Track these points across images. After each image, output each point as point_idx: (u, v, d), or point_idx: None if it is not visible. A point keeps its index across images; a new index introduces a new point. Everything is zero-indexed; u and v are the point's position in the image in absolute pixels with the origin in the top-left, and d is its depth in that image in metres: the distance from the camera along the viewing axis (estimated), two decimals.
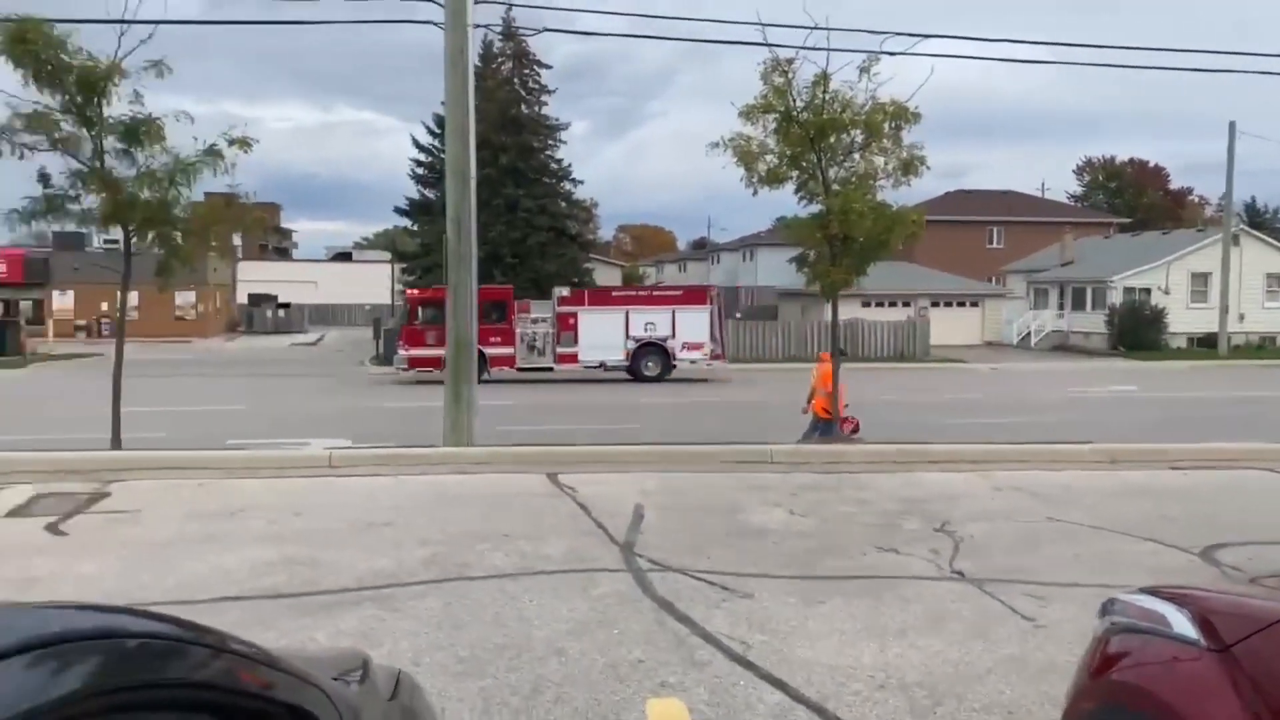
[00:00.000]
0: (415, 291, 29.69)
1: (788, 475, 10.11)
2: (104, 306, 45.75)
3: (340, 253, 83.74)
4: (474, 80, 12.53)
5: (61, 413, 18.00)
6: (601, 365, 27.31)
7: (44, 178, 11.10)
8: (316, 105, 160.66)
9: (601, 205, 71.57)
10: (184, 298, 45.54)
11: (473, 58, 12.72)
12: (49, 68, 10.44)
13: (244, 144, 11.15)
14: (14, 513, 8.08)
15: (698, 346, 27.57)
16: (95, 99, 10.68)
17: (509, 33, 35.12)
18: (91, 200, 11.23)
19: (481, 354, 26.22)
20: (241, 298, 59.57)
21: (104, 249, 42.13)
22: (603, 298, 28.70)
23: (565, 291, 28.84)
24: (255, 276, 61.78)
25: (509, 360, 27.11)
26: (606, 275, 48.71)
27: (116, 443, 11.37)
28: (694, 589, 6.07)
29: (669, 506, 8.54)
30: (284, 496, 8.83)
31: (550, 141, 40.85)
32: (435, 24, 11.96)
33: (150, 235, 11.32)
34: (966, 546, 7.22)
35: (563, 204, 40.67)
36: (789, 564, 6.73)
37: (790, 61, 12.21)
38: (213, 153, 11.04)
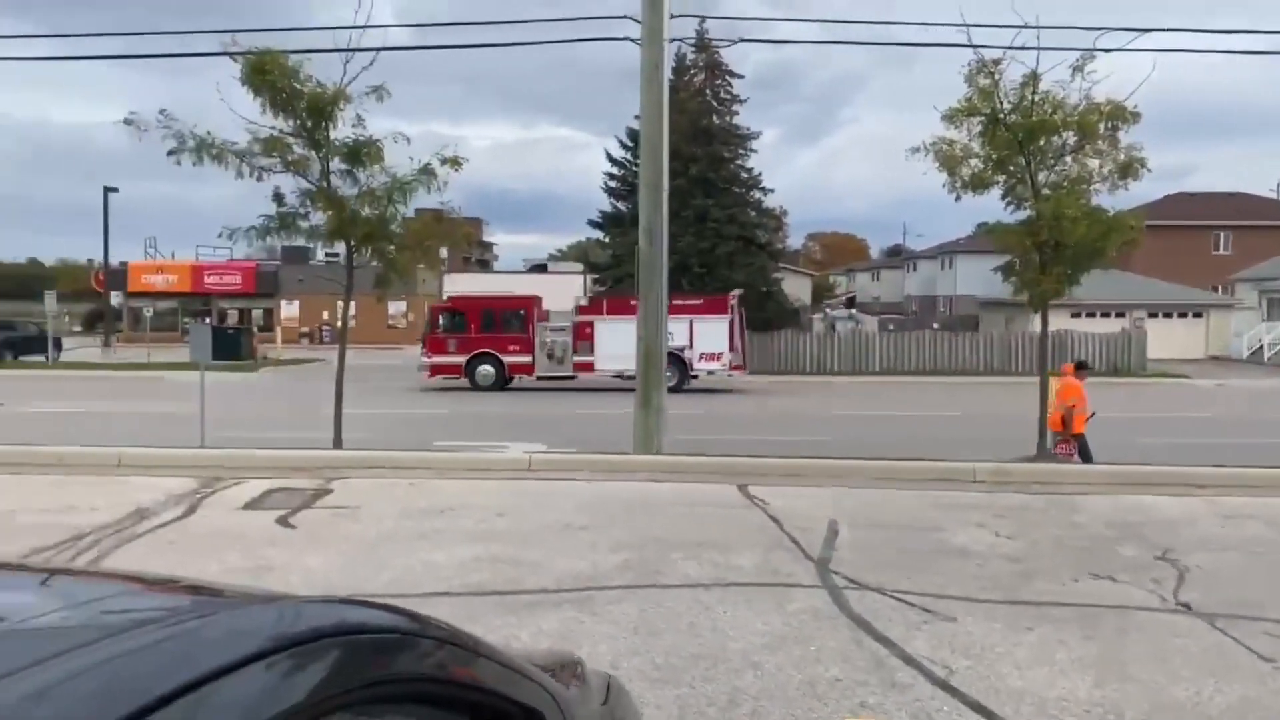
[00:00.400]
0: (437, 304, 30.40)
1: (992, 495, 9.67)
2: (325, 315, 49.40)
3: (536, 264, 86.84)
4: (668, 93, 12.72)
5: (288, 414, 19.53)
6: (619, 375, 26.03)
7: (278, 197, 12.08)
8: (517, 123, 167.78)
9: (791, 213, 70.92)
10: (396, 307, 48.55)
11: (667, 72, 12.91)
12: (284, 95, 11.38)
13: (455, 163, 11.78)
14: (249, 505, 8.82)
15: (716, 357, 26.87)
16: (323, 123, 11.55)
17: (702, 45, 35.42)
18: (318, 217, 12.14)
19: (500, 361, 27.21)
20: None
21: (325, 262, 45.49)
22: (620, 307, 26.76)
23: (584, 300, 28.16)
24: (459, 287, 64.99)
25: (528, 368, 27.11)
26: (796, 284, 48.24)
27: (338, 442, 12.22)
28: (892, 609, 5.90)
29: (864, 523, 8.34)
30: (487, 497, 9.22)
31: (741, 151, 40.88)
32: (632, 40, 12.23)
33: (370, 249, 12.14)
34: (1193, 577, 6.68)
35: (752, 213, 40.57)
36: (994, 587, 6.43)
37: (997, 62, 11.73)
38: (427, 172, 11.73)
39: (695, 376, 27.04)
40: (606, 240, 44.64)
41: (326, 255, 43.75)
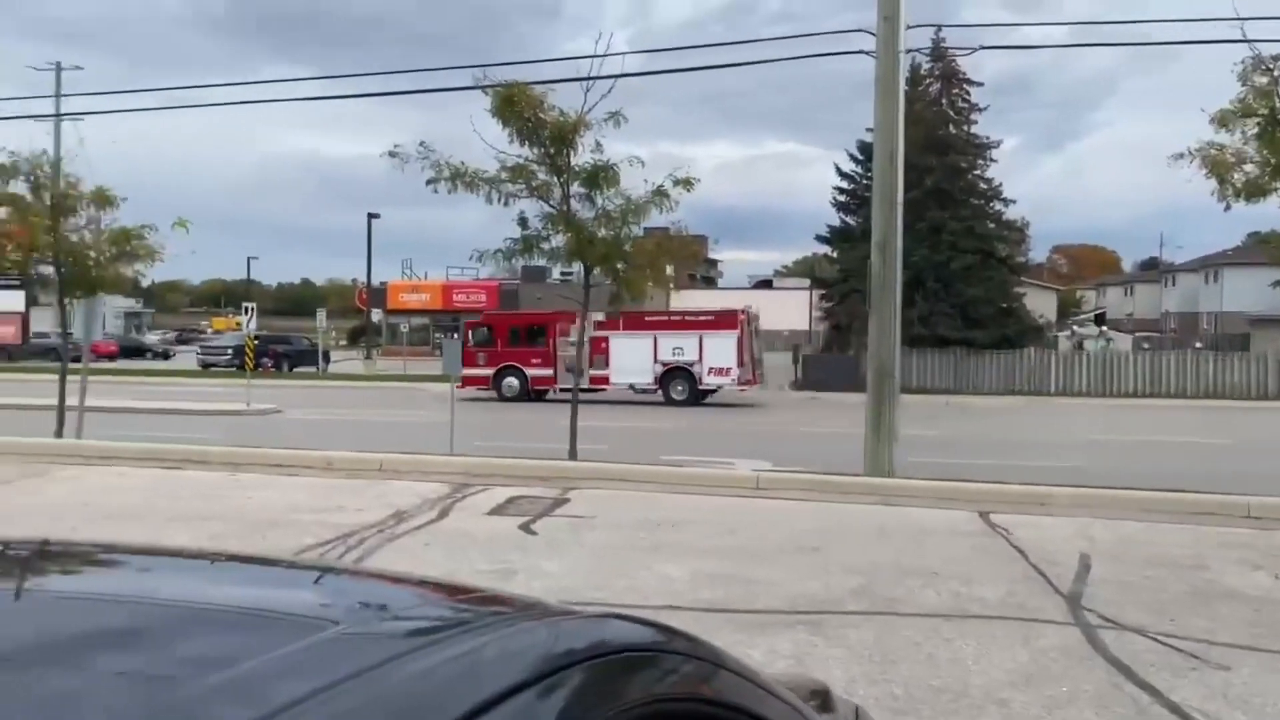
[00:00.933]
0: (470, 320, 31.92)
1: (1269, 533, 8.73)
2: None
3: (761, 280, 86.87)
4: (903, 105, 12.42)
5: (526, 425, 20.51)
6: (631, 387, 27.29)
7: (522, 221, 12.78)
8: (742, 141, 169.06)
9: (1034, 225, 67.18)
10: None
11: (902, 83, 12.61)
12: (530, 125, 12.03)
13: (687, 184, 12.04)
14: (495, 511, 9.34)
15: (725, 371, 26.87)
16: (564, 150, 12.12)
17: (938, 54, 34.26)
18: (559, 239, 12.74)
19: (522, 374, 28.20)
20: None
21: (560, 280, 47.53)
22: (635, 322, 27.41)
23: (601, 316, 27.55)
24: (685, 304, 66.03)
25: (550, 381, 27.42)
26: (1039, 299, 45.55)
27: (573, 454, 12.72)
28: (1155, 652, 5.45)
29: (1119, 557, 7.75)
30: (717, 513, 9.31)
31: (979, 161, 39.18)
32: (866, 53, 12.05)
33: (606, 269, 12.60)
34: None
35: (991, 225, 38.73)
36: (1273, 636, 5.80)
37: (1276, 58, 10.64)
38: (660, 193, 12.06)
39: (707, 390, 27.22)
40: (835, 255, 43.98)
41: (562, 274, 45.74)
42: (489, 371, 28.59)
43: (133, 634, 1.20)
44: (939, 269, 35.03)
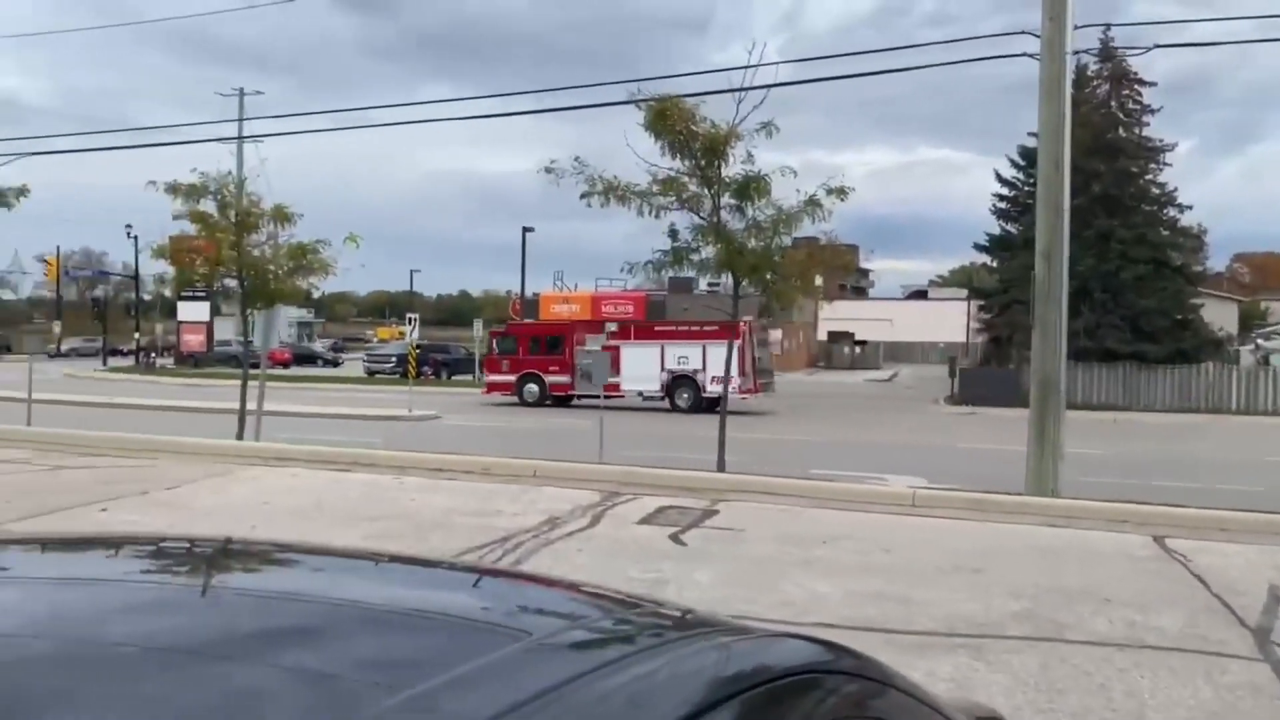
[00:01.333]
0: (495, 330, 34.59)
1: None
2: None
3: (916, 291, 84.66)
4: (1069, 108, 11.88)
5: (672, 434, 20.62)
6: (640, 395, 28.51)
7: (673, 233, 12.90)
8: (896, 147, 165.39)
9: (1212, 232, 62.82)
10: (772, 334, 49.57)
11: (1068, 86, 12.06)
12: (681, 138, 12.13)
13: (841, 193, 11.88)
14: (645, 520, 9.42)
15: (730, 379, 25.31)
16: (716, 161, 12.16)
17: (1106, 53, 32.59)
18: (709, 251, 12.78)
19: (542, 380, 29.54)
20: (821, 335, 63.11)
21: (707, 291, 47.58)
22: (645, 332, 30.09)
23: (614, 327, 29.82)
24: (834, 314, 65.07)
25: (566, 387, 28.02)
26: (1219, 311, 42.55)
27: (721, 465, 12.71)
28: None
29: None
30: (870, 530, 9.11)
31: (1151, 165, 37.02)
32: (1029, 55, 11.60)
33: (756, 280, 12.56)
34: None
35: (1165, 232, 36.50)
36: None
37: None
38: (813, 203, 11.94)
39: (712, 398, 26.85)
40: (994, 265, 42.43)
41: (709, 285, 45.93)
42: (512, 378, 30.42)
43: (318, 633, 1.23)
44: (1107, 279, 33.23)
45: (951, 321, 59.62)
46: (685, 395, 28.75)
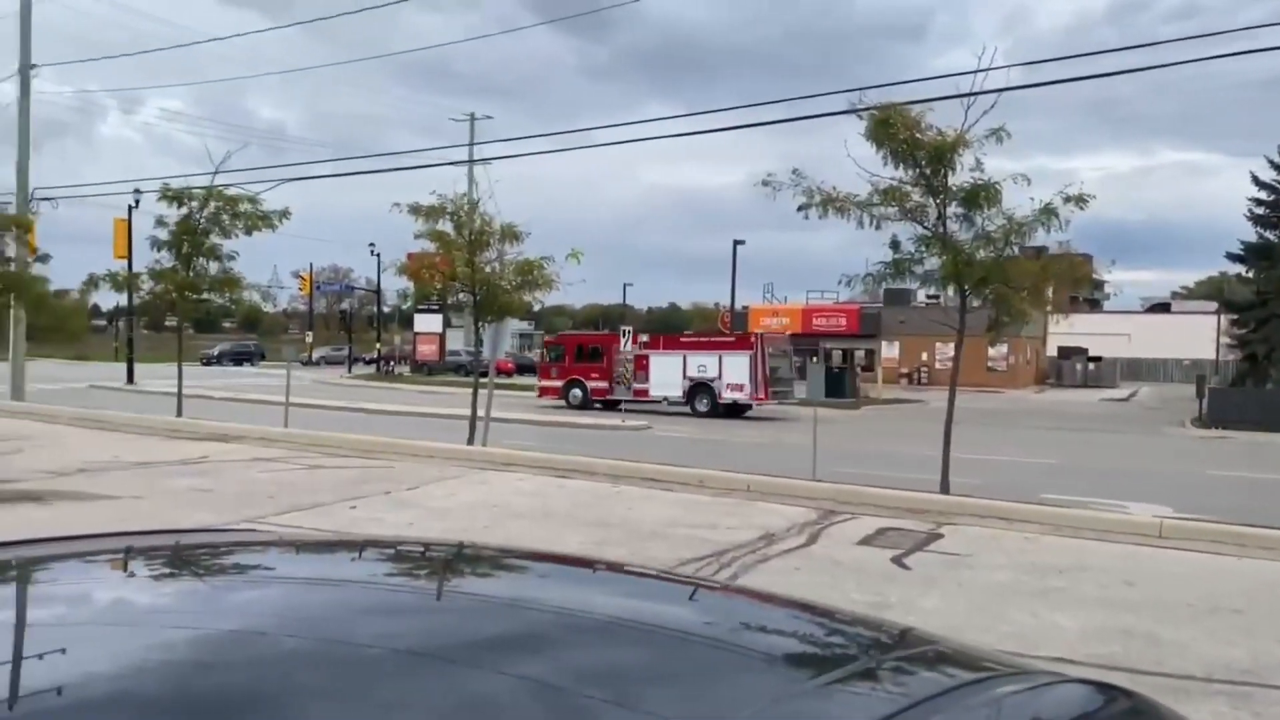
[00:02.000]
0: (548, 338, 38.06)
1: None
2: (924, 356, 49.93)
3: (1157, 304, 78.39)
4: None
5: (889, 453, 20.01)
6: (664, 399, 30.55)
7: (895, 244, 12.52)
8: (1133, 150, 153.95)
9: None
10: (996, 349, 47.28)
11: None
12: (904, 146, 11.78)
13: (1080, 201, 11.17)
14: (864, 541, 9.19)
15: (739, 388, 29.73)
16: (941, 170, 11.72)
17: None
18: (933, 262, 12.32)
19: (584, 386, 31.95)
20: (1051, 350, 59.55)
21: (925, 304, 45.99)
22: (671, 343, 32.26)
23: (645, 337, 32.10)
24: (1065, 329, 61.23)
25: (605, 392, 29.94)
26: None
27: (945, 487, 12.21)
28: None
29: None
30: (1111, 561, 8.48)
31: None
32: None
33: (985, 293, 12.00)
34: None
35: None
36: None
37: None
38: (1048, 211, 11.28)
39: (727, 404, 29.75)
40: (1250, 275, 38.69)
41: (927, 297, 44.29)
42: (559, 384, 32.92)
43: (547, 642, 1.24)
44: None
45: (1198, 336, 54.77)
46: (704, 401, 30.49)
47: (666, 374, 31.05)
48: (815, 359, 31.84)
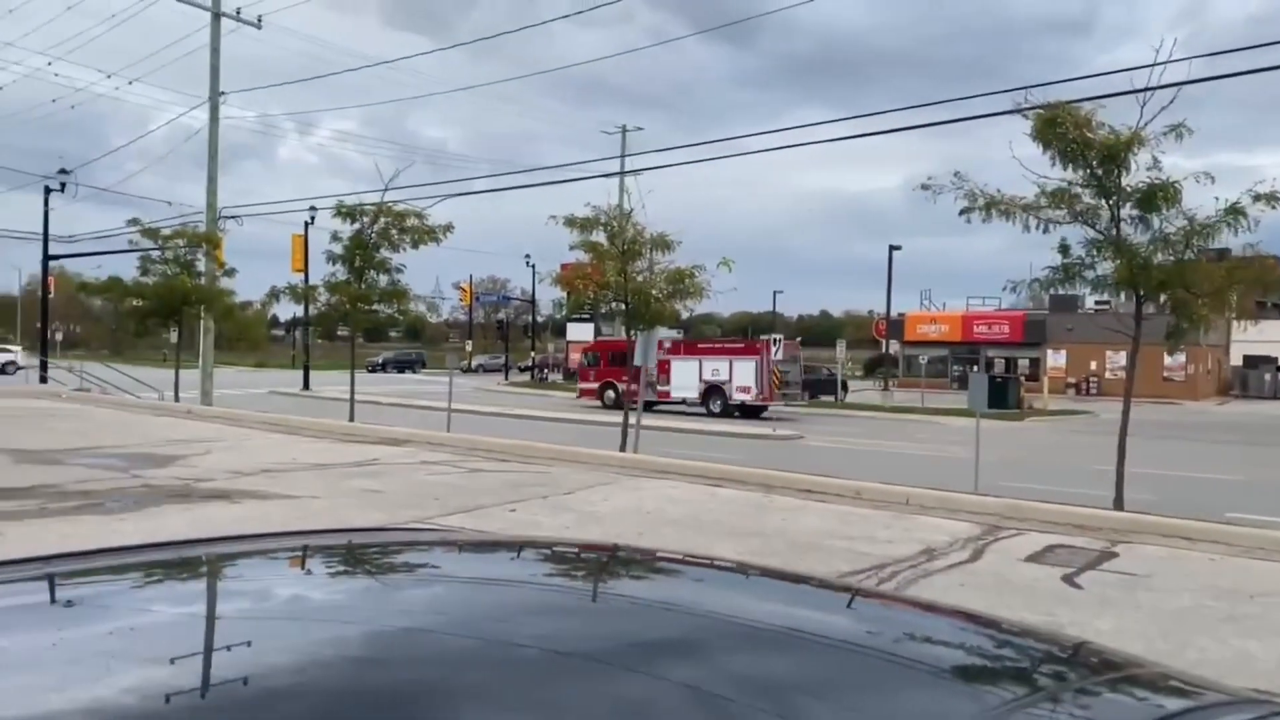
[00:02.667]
0: (586, 345, 42.09)
1: None
2: (1092, 365, 47.40)
3: None
4: None
5: (1056, 466, 19.10)
6: (682, 401, 33.31)
7: (1064, 248, 11.95)
8: None
9: None
10: (1174, 358, 44.46)
11: None
12: (1074, 146, 11.24)
13: (1271, 199, 10.38)
14: (1032, 558, 8.78)
15: (747, 390, 32.50)
16: (1115, 170, 11.13)
17: None
18: (1105, 267, 11.70)
19: (616, 388, 33.82)
20: (1235, 359, 55.52)
21: (1094, 310, 43.68)
22: (689, 349, 34.99)
23: (669, 344, 33.73)
24: (1254, 336, 57.00)
25: (635, 395, 31.37)
26: None
27: (1119, 503, 11.56)
28: None
29: None
30: None
31: None
32: None
33: (1163, 298, 11.31)
34: None
35: None
36: None
37: None
38: (1235, 211, 10.54)
39: (737, 405, 32.61)
40: None
41: (1096, 304, 42.02)
42: (596, 386, 36.26)
43: (704, 648, 1.22)
44: None
45: None
46: (717, 402, 33.34)
47: (685, 377, 33.99)
48: (975, 368, 30.89)
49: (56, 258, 38.73)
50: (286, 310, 70.89)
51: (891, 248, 50.58)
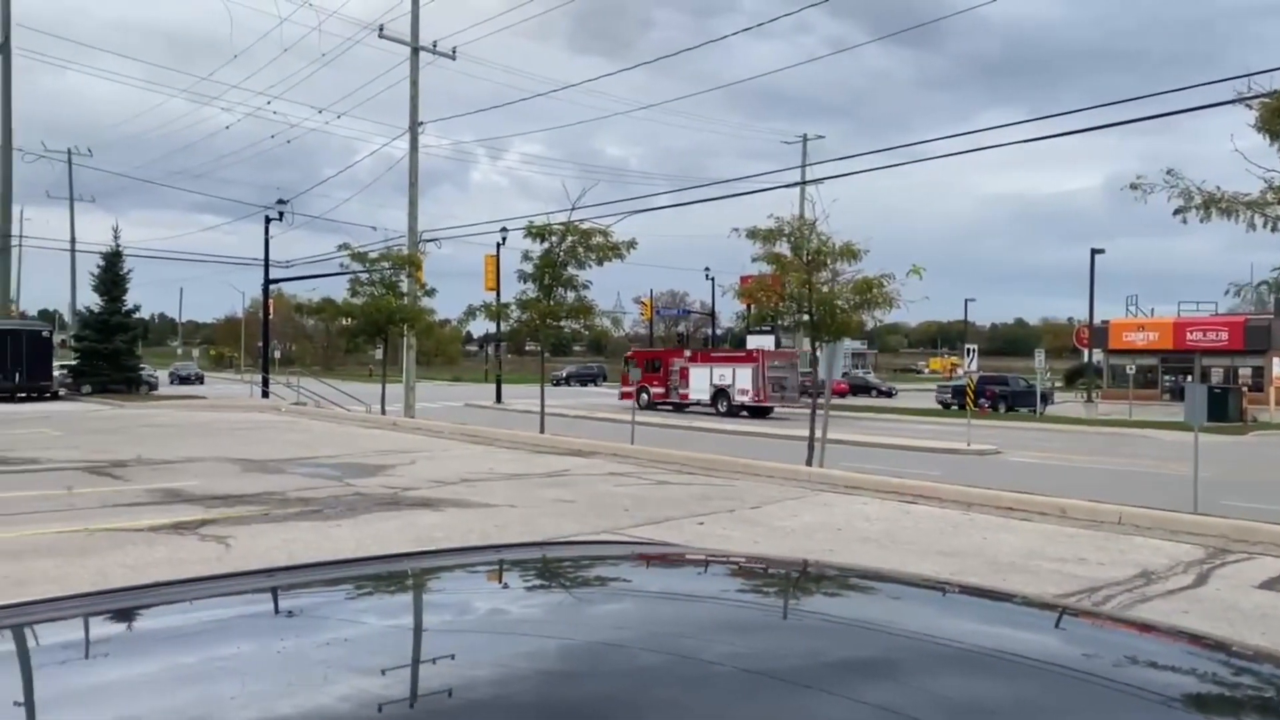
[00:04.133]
0: (628, 354, 44.89)
1: None
2: None
3: None
4: None
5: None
6: (697, 403, 39.31)
7: None
8: None
9: None
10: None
11: None
12: None
13: None
14: (1266, 585, 8.05)
15: (745, 392, 38.24)
16: None
17: None
18: None
19: (649, 391, 40.84)
20: None
21: None
22: (704, 358, 41.39)
23: (689, 353, 42.03)
24: None
25: (663, 396, 38.25)
26: None
27: None
28: None
29: None
30: None
31: None
32: None
33: None
34: None
35: None
36: None
37: None
38: None
39: (739, 405, 38.01)
40: None
41: None
42: (633, 389, 39.17)
43: (901, 668, 1.17)
44: None
45: None
46: (723, 403, 38.83)
47: (700, 382, 40.16)
48: (1190, 378, 28.62)
49: (276, 281, 42.07)
50: (479, 327, 74.05)
51: (1093, 251, 47.73)
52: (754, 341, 60.85)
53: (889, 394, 60.27)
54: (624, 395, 42.51)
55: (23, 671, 1.19)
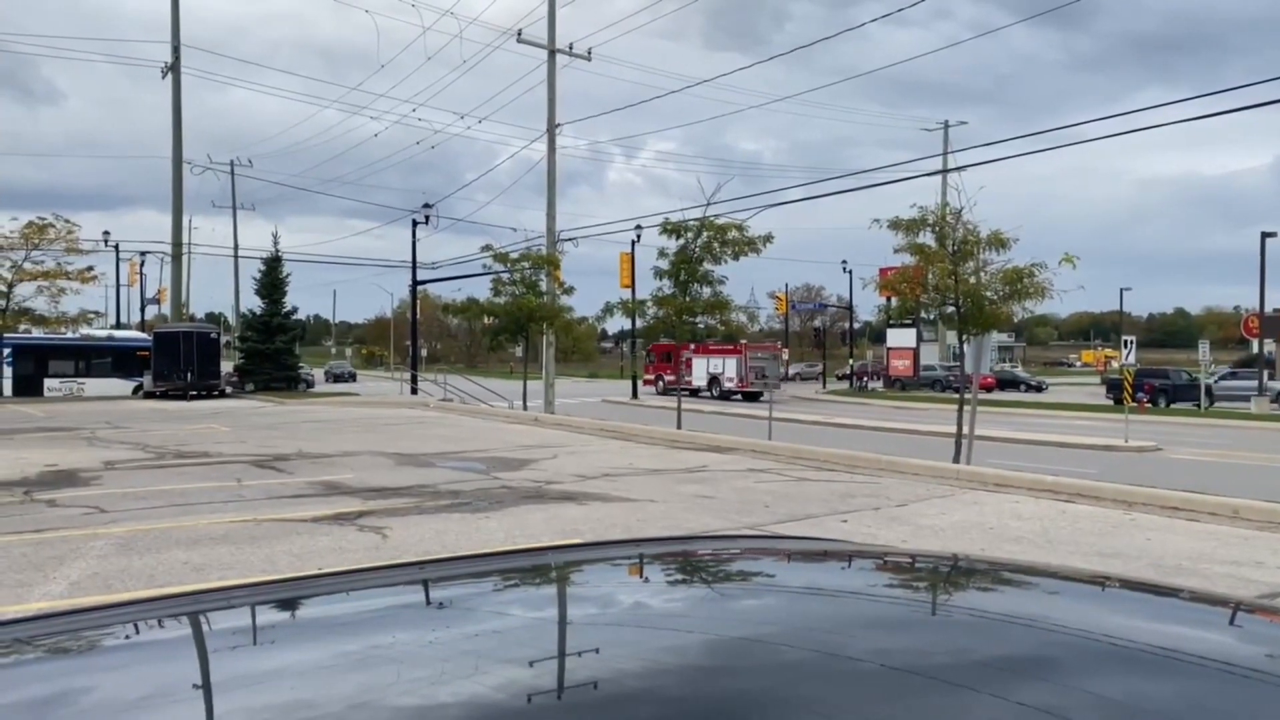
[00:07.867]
0: (650, 346, 47.82)
1: None
2: None
3: None
4: None
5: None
6: (697, 389, 46.13)
7: None
8: None
9: None
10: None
11: None
12: None
13: None
14: None
15: (731, 379, 46.49)
16: None
17: None
18: None
19: (664, 379, 48.83)
20: None
21: None
22: (703, 350, 45.32)
23: (692, 346, 40.54)
24: None
25: (675, 383, 35.63)
26: None
27: None
28: None
29: None
30: None
31: None
32: None
33: None
34: None
35: None
36: None
37: None
38: None
39: (731, 392, 45.82)
40: None
41: None
42: (653, 376, 48.27)
43: (1057, 667, 1.12)
44: None
45: None
46: (716, 389, 46.45)
47: (699, 371, 47.50)
48: None
49: (423, 283, 43.68)
50: (615, 324, 75.06)
51: (1264, 235, 44.43)
52: (893, 336, 59.50)
53: (1039, 389, 57.82)
54: (647, 383, 50.88)
55: (199, 655, 1.28)
